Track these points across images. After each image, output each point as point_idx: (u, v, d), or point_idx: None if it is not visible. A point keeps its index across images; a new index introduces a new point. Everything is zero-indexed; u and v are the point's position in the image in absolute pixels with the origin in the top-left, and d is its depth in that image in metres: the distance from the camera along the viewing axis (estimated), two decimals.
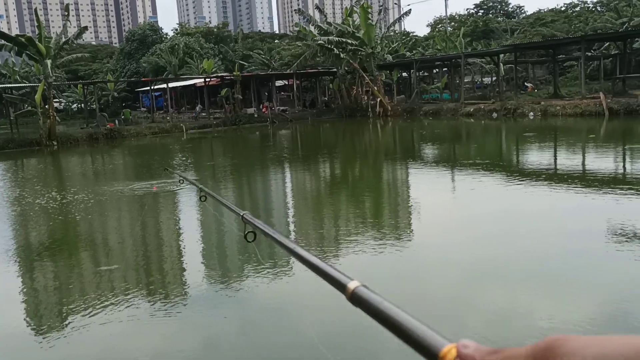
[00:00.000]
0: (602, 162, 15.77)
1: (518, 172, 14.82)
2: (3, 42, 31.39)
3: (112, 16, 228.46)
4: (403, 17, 44.99)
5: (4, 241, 10.34)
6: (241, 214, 2.28)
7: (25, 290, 7.72)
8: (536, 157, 17.77)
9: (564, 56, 49.23)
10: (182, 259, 8.84)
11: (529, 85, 50.02)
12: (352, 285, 0.99)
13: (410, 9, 45.46)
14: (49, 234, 11.05)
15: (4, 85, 51.94)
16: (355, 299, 0.94)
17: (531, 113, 31.70)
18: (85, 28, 32.69)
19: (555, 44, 39.36)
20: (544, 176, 13.52)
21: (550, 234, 8.57)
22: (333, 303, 2.18)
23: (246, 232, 2.25)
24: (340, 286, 1.05)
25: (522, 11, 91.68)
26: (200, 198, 4.02)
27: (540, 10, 79.18)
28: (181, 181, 6.30)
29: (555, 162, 16.30)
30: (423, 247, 8.51)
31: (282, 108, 48.12)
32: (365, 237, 8.93)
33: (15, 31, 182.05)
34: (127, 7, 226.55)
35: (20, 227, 11.94)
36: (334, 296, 1.13)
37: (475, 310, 6.05)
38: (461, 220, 9.98)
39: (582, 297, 6.26)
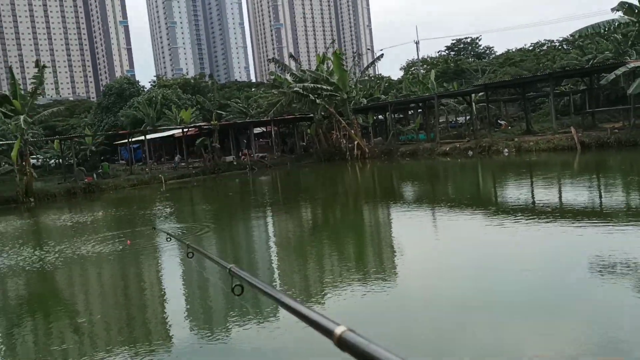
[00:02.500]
0: (579, 195, 16.07)
1: (498, 208, 15.00)
2: None
3: (89, 71, 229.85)
4: (376, 61, 46.05)
5: None
6: (227, 267, 2.28)
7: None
8: (515, 192, 18.03)
9: (534, 93, 50.60)
10: (166, 315, 8.69)
11: (502, 122, 51.14)
12: (338, 330, 0.99)
13: (383, 54, 46.56)
14: (27, 292, 10.82)
15: None
16: (343, 344, 0.94)
17: (506, 150, 32.33)
18: (44, 66, 32.34)
19: (525, 82, 40.51)
20: (523, 211, 13.70)
21: (534, 268, 8.65)
22: (322, 348, 2.19)
23: (233, 285, 2.26)
24: (327, 332, 1.08)
25: (492, 52, 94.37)
26: (187, 254, 3.93)
27: (509, 50, 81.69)
28: (168, 239, 6.14)
29: (533, 197, 16.56)
30: (407, 286, 8.52)
31: (261, 155, 48.37)
32: (349, 279, 8.91)
33: None
34: (104, 61, 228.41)
35: None
36: (322, 342, 1.17)
37: (463, 348, 6.04)
38: (444, 259, 10.03)
39: (569, 328, 6.30)
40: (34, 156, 59.90)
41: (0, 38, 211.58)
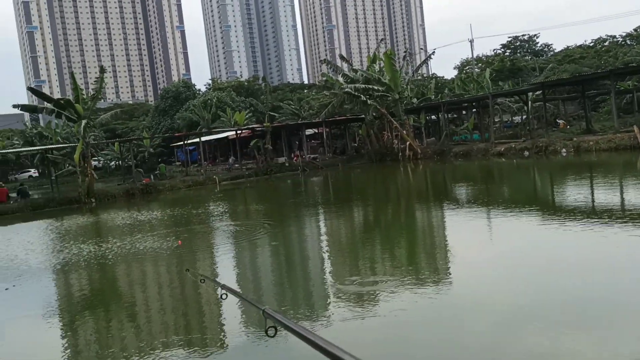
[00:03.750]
0: None
1: (556, 210, 14.56)
2: (45, 104, 32.89)
3: (148, 75, 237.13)
4: (428, 60, 45.48)
5: (49, 293, 10.63)
6: (262, 309, 2.23)
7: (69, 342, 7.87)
8: (573, 194, 17.42)
9: (594, 91, 48.82)
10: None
11: (560, 122, 49.58)
12: None
13: (434, 52, 45.86)
14: (89, 287, 11.31)
15: (46, 147, 54.05)
16: None
17: (564, 150, 31.32)
18: (103, 70, 33.68)
19: (584, 79, 39.11)
20: (584, 214, 13.23)
21: (595, 274, 8.37)
22: None
23: (267, 327, 2.19)
24: None
25: (550, 49, 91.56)
26: (221, 296, 3.80)
27: (568, 47, 79.08)
28: (202, 280, 5.92)
29: (593, 198, 15.96)
30: (460, 291, 8.35)
31: (312, 156, 48.68)
32: (401, 282, 8.86)
33: (56, 94, 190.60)
34: (161, 66, 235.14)
35: (62, 281, 12.24)
36: None
37: (518, 356, 5.90)
38: (499, 263, 9.83)
39: (627, 339, 6.05)
40: (95, 158, 62.35)
41: (65, 45, 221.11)
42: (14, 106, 32.39)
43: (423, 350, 6.33)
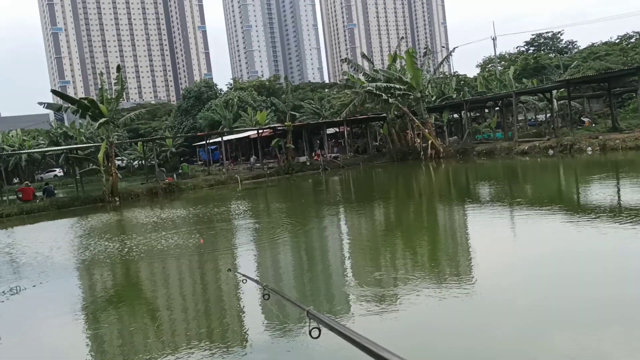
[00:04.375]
0: None
1: (581, 210, 14.31)
2: (68, 104, 33.37)
3: (170, 75, 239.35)
4: (449, 56, 45.03)
5: (74, 290, 10.77)
6: (306, 309, 2.21)
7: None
8: (600, 193, 17.10)
9: (620, 89, 47.92)
10: None
11: (585, 120, 48.83)
12: None
13: (455, 48, 45.38)
14: (112, 283, 11.43)
15: (70, 146, 54.90)
16: None
17: (589, 148, 30.80)
18: (119, 68, 34.15)
19: (610, 77, 38.39)
20: (611, 213, 12.98)
21: (620, 275, 8.19)
22: None
23: (310, 328, 2.15)
24: None
25: (575, 46, 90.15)
26: (263, 296, 3.73)
27: (593, 44, 77.76)
28: (244, 281, 5.86)
29: (619, 197, 15.64)
30: (485, 292, 8.23)
31: (333, 155, 48.63)
32: (425, 283, 8.78)
33: (80, 94, 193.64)
34: (183, 66, 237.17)
35: (86, 276, 12.39)
36: None
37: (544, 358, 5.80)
38: (525, 263, 9.68)
39: None
40: (119, 158, 63.16)
41: (89, 46, 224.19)
42: (40, 103, 33.05)
43: (446, 351, 6.24)
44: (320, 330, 2.14)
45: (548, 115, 50.86)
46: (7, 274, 13.13)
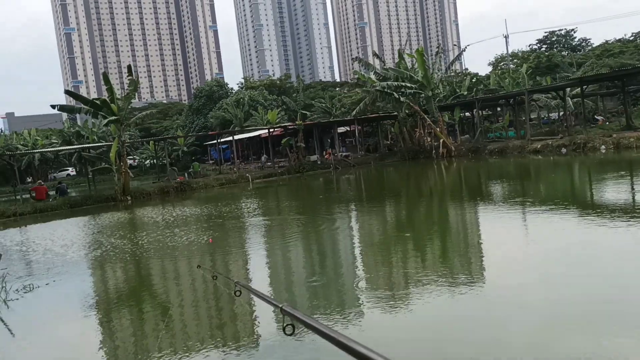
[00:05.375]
0: None
1: (595, 209, 14.15)
2: (81, 104, 33.59)
3: (181, 75, 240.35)
4: (461, 55, 44.80)
5: (86, 288, 10.83)
6: (280, 306, 2.16)
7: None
8: (614, 192, 16.91)
9: (635, 86, 47.44)
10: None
11: (599, 118, 48.39)
12: None
13: (466, 47, 45.13)
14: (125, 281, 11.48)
15: (83, 145, 55.29)
16: None
17: (603, 146, 30.49)
18: (129, 68, 34.36)
19: (624, 74, 38.00)
20: (623, 212, 12.83)
21: (635, 274, 8.08)
22: None
23: (285, 324, 2.12)
24: None
25: (588, 44, 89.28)
26: (234, 293, 3.67)
27: (607, 41, 77.00)
28: (214, 277, 5.73)
29: (634, 197, 15.45)
30: (498, 292, 8.18)
31: (344, 154, 48.56)
32: (436, 281, 8.72)
33: (93, 94, 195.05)
34: (195, 65, 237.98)
35: (99, 274, 12.47)
36: None
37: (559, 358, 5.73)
38: (536, 263, 9.58)
39: None
40: (131, 157, 63.50)
41: (101, 46, 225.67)
42: (52, 106, 33.07)
43: (460, 350, 6.19)
44: (294, 327, 2.11)
45: (561, 113, 50.45)
46: (21, 272, 13.23)
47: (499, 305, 7.52)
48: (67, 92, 37.54)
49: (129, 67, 35.06)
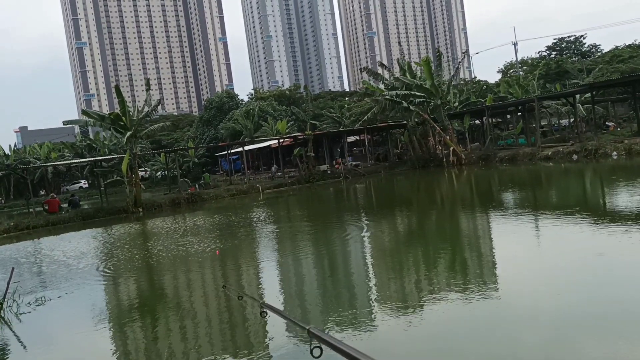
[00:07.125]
0: None
1: (608, 216, 14.01)
2: (95, 119, 33.90)
3: (192, 87, 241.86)
4: (469, 62, 44.76)
5: (98, 300, 10.88)
6: (307, 328, 2.16)
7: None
8: (627, 199, 16.75)
9: None
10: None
11: (610, 124, 48.03)
12: None
13: (468, 51, 45.16)
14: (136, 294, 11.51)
15: (95, 158, 55.74)
16: None
17: (614, 153, 30.24)
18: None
19: (635, 80, 37.72)
20: (636, 220, 12.69)
21: None
22: None
23: (312, 347, 2.10)
24: None
25: (598, 50, 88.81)
26: (260, 314, 3.69)
27: (617, 47, 76.58)
28: (240, 297, 5.72)
29: None
30: (511, 301, 8.10)
31: (354, 163, 48.56)
32: (450, 291, 8.67)
33: (104, 107, 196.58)
34: (205, 77, 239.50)
35: (112, 287, 12.52)
36: None
37: None
38: (550, 272, 9.49)
39: None
40: (142, 169, 63.92)
41: (113, 59, 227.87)
42: (64, 122, 33.60)
43: None
44: (322, 350, 2.08)
45: (571, 120, 50.15)
46: (33, 285, 13.32)
47: (512, 316, 7.45)
48: (84, 112, 37.63)
49: (147, 81, 35.36)
